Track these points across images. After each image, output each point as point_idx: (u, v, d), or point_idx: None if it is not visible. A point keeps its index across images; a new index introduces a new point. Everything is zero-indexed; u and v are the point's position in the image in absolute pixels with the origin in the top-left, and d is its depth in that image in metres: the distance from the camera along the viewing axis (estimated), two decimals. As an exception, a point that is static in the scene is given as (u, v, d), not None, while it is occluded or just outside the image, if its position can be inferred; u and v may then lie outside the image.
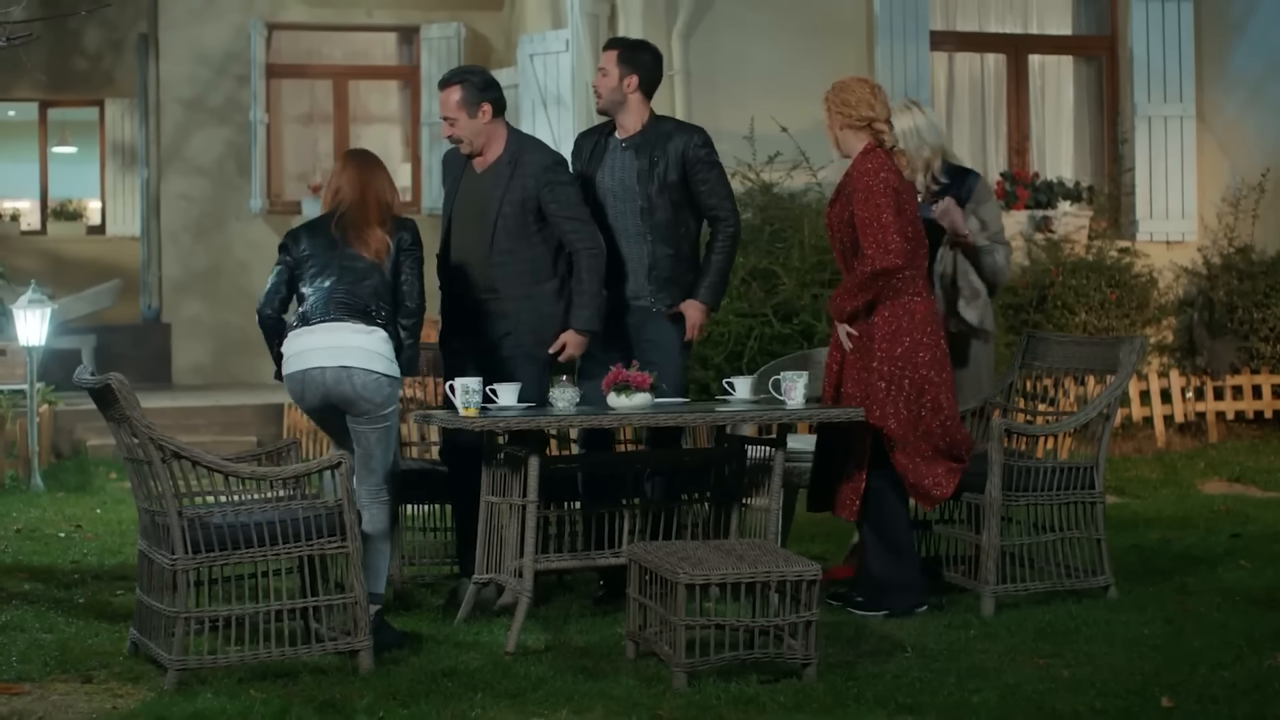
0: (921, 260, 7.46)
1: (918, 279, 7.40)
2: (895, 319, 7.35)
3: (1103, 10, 14.33)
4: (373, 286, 6.89)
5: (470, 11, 17.85)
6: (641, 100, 7.88)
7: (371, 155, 7.29)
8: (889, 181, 7.29)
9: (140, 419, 6.22)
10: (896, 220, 7.22)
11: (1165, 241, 13.89)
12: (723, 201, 7.87)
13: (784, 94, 12.83)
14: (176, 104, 17.47)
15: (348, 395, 6.77)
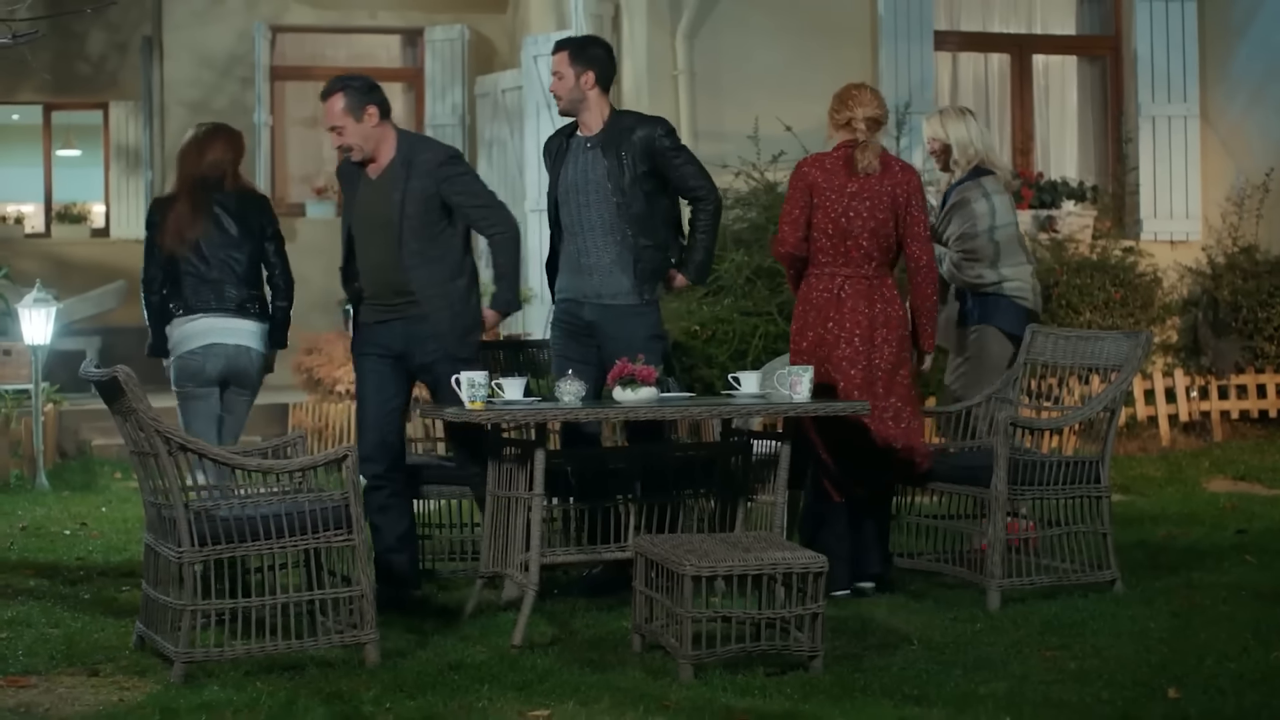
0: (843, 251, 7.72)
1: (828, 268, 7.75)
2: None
3: (1106, 10, 14.34)
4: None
5: (473, 13, 17.86)
6: (600, 96, 7.87)
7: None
8: (806, 177, 7.76)
9: (147, 411, 6.23)
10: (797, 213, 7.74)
11: (1169, 241, 13.90)
12: (700, 180, 7.94)
13: (788, 94, 12.84)
14: (181, 106, 17.46)
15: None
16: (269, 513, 6.35)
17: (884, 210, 7.69)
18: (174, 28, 17.27)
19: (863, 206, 7.68)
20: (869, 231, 7.68)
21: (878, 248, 7.72)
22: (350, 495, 6.41)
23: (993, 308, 8.81)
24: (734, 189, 12.42)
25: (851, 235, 7.67)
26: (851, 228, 7.67)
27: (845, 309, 7.72)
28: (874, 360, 7.72)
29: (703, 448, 7.80)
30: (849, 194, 7.68)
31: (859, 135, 7.77)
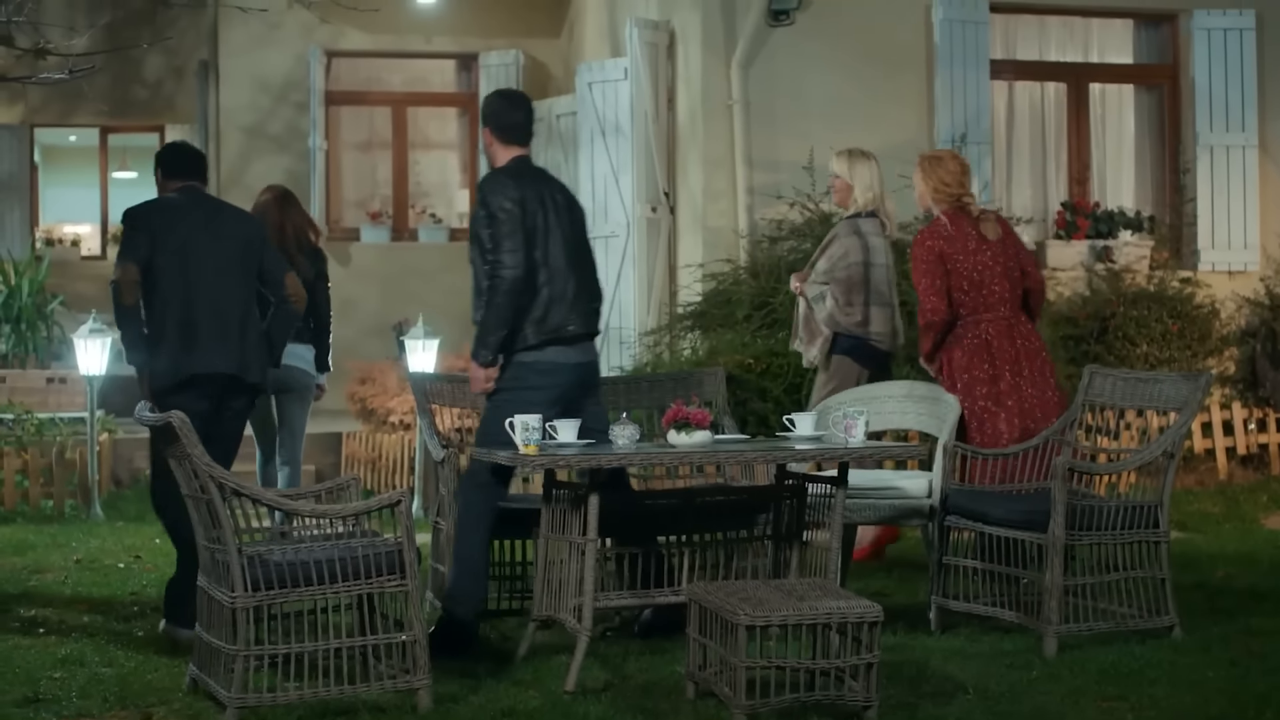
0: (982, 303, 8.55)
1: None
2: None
3: (1164, 39, 14.26)
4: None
5: (529, 39, 17.86)
6: (504, 148, 7.66)
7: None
8: (934, 248, 8.54)
9: (200, 457, 6.23)
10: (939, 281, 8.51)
11: (1227, 271, 13.81)
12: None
13: (843, 124, 12.81)
14: (237, 131, 17.52)
15: None
16: (322, 558, 6.34)
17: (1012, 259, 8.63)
18: (230, 53, 17.31)
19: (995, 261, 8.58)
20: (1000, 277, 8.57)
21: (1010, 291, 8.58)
22: (404, 540, 6.40)
23: (853, 346, 9.36)
24: (789, 220, 12.40)
25: (986, 285, 8.51)
26: (984, 279, 8.52)
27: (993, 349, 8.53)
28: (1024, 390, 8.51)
29: (756, 491, 7.76)
30: (971, 252, 8.54)
31: (972, 208, 8.71)
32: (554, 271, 7.48)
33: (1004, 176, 13.99)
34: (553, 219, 7.51)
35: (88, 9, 18.94)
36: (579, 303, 7.55)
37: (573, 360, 7.53)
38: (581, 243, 7.68)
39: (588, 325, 7.59)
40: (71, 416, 12.96)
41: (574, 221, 7.66)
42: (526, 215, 7.43)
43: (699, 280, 12.61)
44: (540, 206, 7.49)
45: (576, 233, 7.65)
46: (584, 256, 7.67)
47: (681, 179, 13.55)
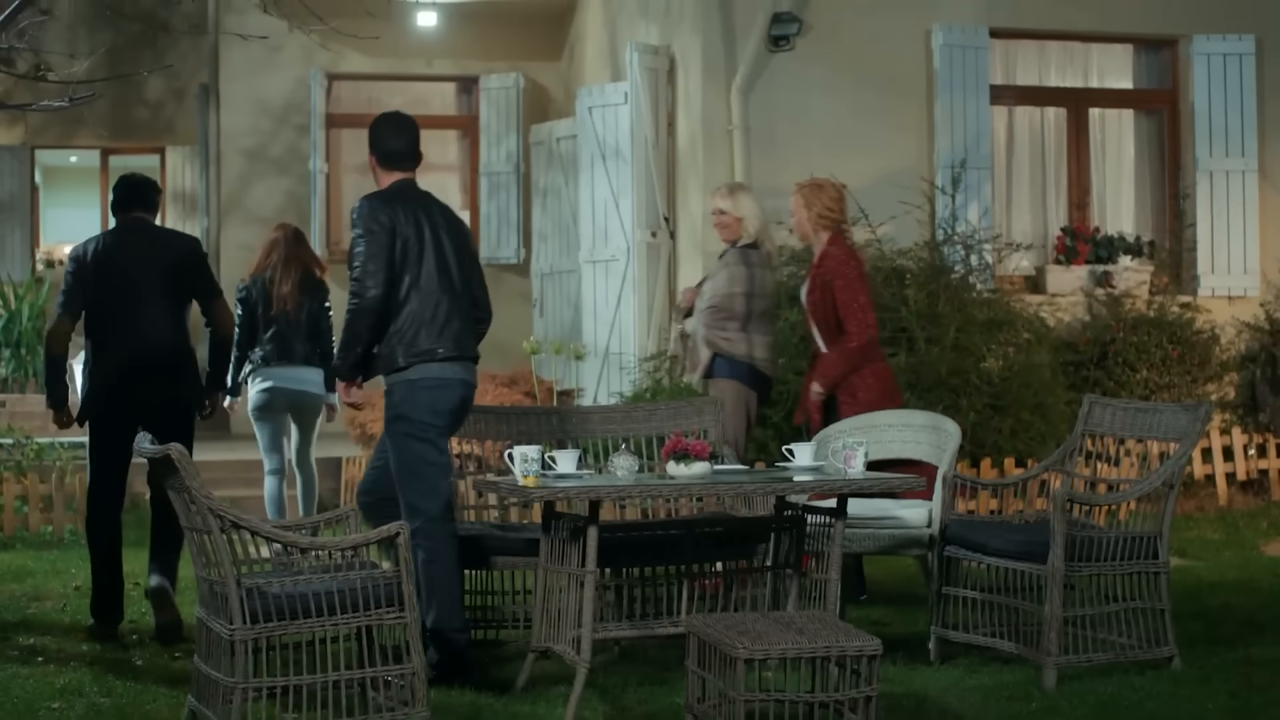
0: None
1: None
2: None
3: (1164, 64, 14.28)
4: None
5: (529, 61, 17.89)
6: (385, 173, 7.78)
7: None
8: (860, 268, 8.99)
9: (199, 489, 6.22)
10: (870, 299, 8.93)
11: (1227, 296, 13.81)
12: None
13: (844, 149, 12.85)
14: (237, 154, 17.55)
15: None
16: (320, 590, 6.33)
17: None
18: (231, 76, 17.34)
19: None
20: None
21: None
22: (402, 572, 6.40)
23: (738, 370, 9.49)
24: (788, 246, 12.38)
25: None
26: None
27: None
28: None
29: (755, 522, 7.75)
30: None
31: (848, 235, 9.18)
32: (425, 294, 7.54)
33: (1004, 201, 13.99)
34: (428, 242, 7.59)
35: (89, 32, 18.99)
36: (449, 326, 7.57)
37: (458, 376, 7.59)
38: (462, 266, 7.71)
39: (459, 349, 7.60)
40: (71, 441, 12.93)
41: (456, 246, 7.71)
42: (395, 238, 7.51)
43: (699, 306, 12.59)
44: (414, 230, 7.58)
45: (457, 257, 7.69)
46: (463, 280, 7.71)
47: (681, 204, 13.56)
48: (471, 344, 7.72)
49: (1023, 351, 12.09)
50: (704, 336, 9.50)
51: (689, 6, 13.34)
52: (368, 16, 13.13)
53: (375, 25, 14.10)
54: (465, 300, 7.69)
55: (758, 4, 12.88)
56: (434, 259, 7.59)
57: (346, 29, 12.81)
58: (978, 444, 11.16)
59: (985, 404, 11.34)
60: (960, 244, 12.41)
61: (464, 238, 7.82)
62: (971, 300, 12.08)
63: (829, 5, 13.16)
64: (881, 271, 11.97)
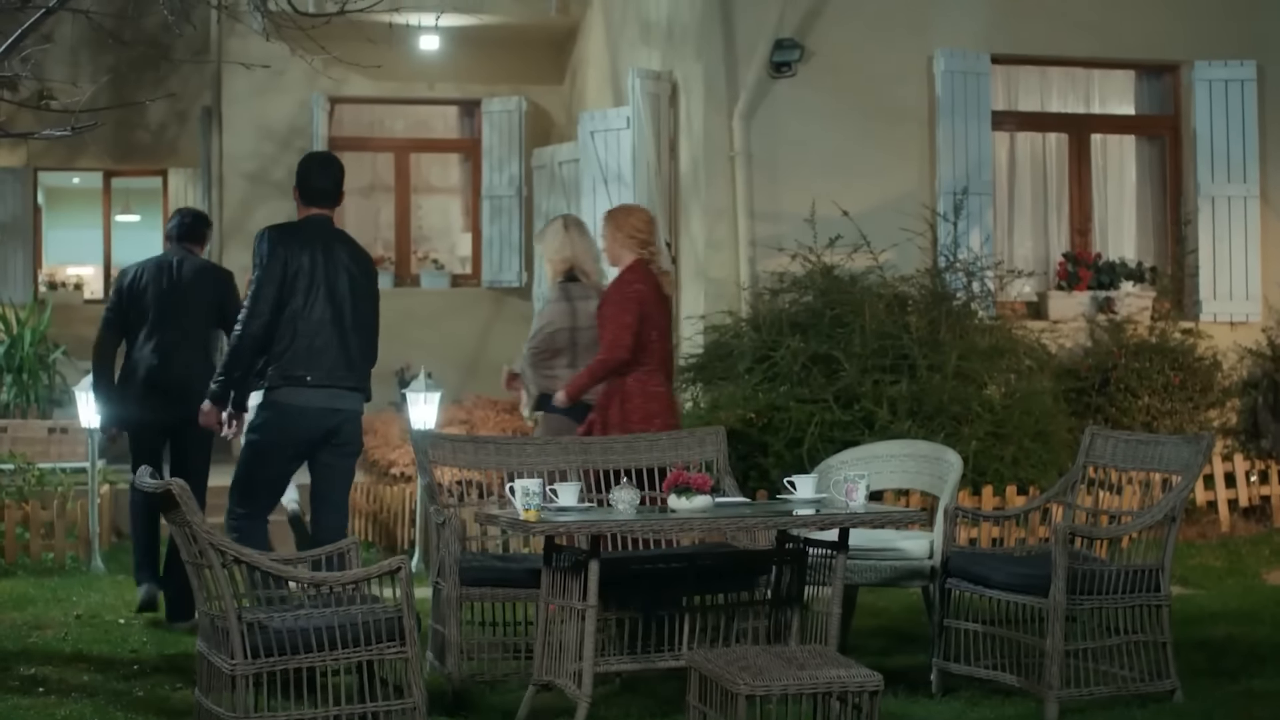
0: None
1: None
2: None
3: (1165, 90, 14.29)
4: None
5: (531, 85, 17.90)
6: (303, 207, 8.42)
7: None
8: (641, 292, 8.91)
9: (200, 524, 6.23)
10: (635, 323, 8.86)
11: (1229, 322, 13.80)
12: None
13: (846, 176, 12.87)
14: (239, 177, 17.55)
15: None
16: (321, 624, 6.33)
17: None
18: (233, 99, 17.34)
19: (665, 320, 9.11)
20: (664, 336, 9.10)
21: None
22: (404, 607, 6.40)
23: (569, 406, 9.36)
24: (790, 272, 12.41)
25: (662, 340, 9.04)
26: (661, 334, 9.04)
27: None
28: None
29: (757, 555, 7.74)
30: (656, 305, 8.99)
31: (659, 260, 9.20)
32: (312, 324, 8.11)
33: (1005, 227, 14.00)
34: (320, 277, 8.11)
35: (92, 55, 19.01)
36: (324, 356, 8.13)
37: (314, 405, 8.16)
38: (355, 304, 8.22)
39: (331, 378, 8.16)
40: (73, 467, 12.95)
41: (350, 284, 8.20)
42: (287, 270, 8.06)
43: (700, 332, 12.60)
44: (308, 263, 8.11)
45: (351, 295, 8.20)
46: (353, 316, 8.22)
47: (683, 229, 13.57)
48: (350, 375, 8.25)
49: (1024, 378, 12.09)
50: (530, 377, 9.62)
51: (691, 32, 13.36)
52: (369, 44, 13.10)
53: (377, 51, 14.08)
54: (354, 335, 8.25)
55: (759, 30, 12.89)
56: (324, 293, 8.12)
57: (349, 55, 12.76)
58: (979, 472, 11.15)
59: (987, 431, 11.33)
60: (962, 271, 12.41)
61: (363, 278, 8.33)
62: (973, 327, 12.08)
63: (831, 31, 13.17)
64: (883, 298, 11.97)
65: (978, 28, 13.51)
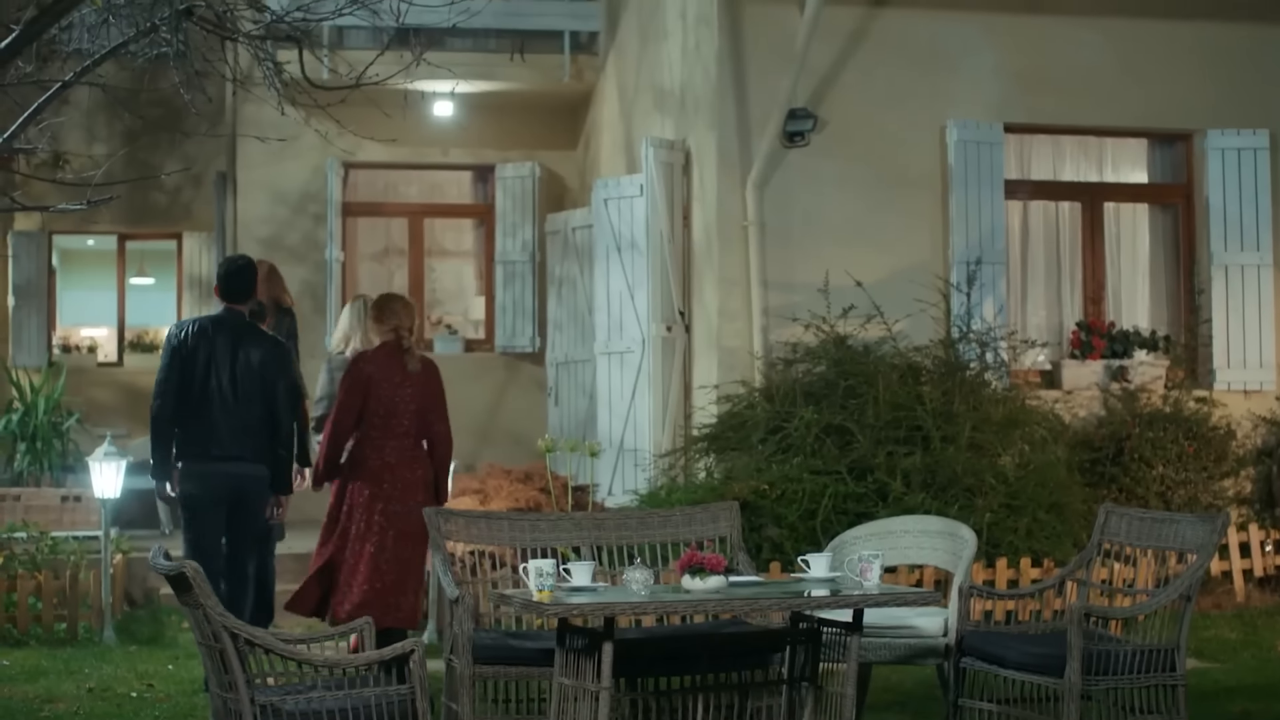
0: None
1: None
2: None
3: (1178, 158, 14.31)
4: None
5: (545, 151, 17.96)
6: (219, 300, 9.77)
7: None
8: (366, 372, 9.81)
9: (214, 607, 6.23)
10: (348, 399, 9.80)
11: (1243, 391, 13.78)
12: None
13: (859, 245, 12.90)
14: (254, 242, 17.57)
15: None
16: (334, 707, 6.32)
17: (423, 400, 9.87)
18: (248, 165, 17.39)
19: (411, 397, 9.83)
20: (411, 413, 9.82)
21: (418, 425, 9.85)
22: (415, 689, 6.38)
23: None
24: (804, 342, 12.40)
25: (396, 415, 9.77)
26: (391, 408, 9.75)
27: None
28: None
29: (771, 634, 7.72)
30: (387, 382, 9.76)
31: (405, 340, 9.88)
32: (214, 404, 9.48)
33: (1019, 296, 14.00)
34: (222, 361, 9.50)
35: (107, 120, 19.08)
36: (218, 431, 9.49)
37: (221, 471, 9.51)
38: (255, 385, 9.55)
39: (226, 450, 9.50)
40: (86, 535, 12.93)
41: (249, 368, 9.54)
42: (189, 356, 9.48)
43: (714, 402, 12.59)
44: (209, 353, 9.51)
45: (249, 376, 9.54)
46: (246, 398, 9.53)
47: (697, 298, 13.57)
48: (244, 446, 9.52)
49: (1038, 449, 12.06)
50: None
51: (704, 102, 13.39)
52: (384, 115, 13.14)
53: (391, 125, 14.13)
54: (247, 413, 9.53)
55: (773, 100, 12.92)
56: (226, 377, 9.50)
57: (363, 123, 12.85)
58: (993, 544, 11.13)
59: (1001, 503, 11.31)
60: (976, 341, 12.40)
61: (262, 366, 9.58)
62: (987, 397, 12.07)
63: (844, 101, 13.21)
64: (897, 369, 11.97)
65: (990, 97, 13.54)
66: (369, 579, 9.68)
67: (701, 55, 13.44)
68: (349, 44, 16.15)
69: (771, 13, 13.03)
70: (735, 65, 13.09)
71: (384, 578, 9.71)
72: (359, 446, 9.81)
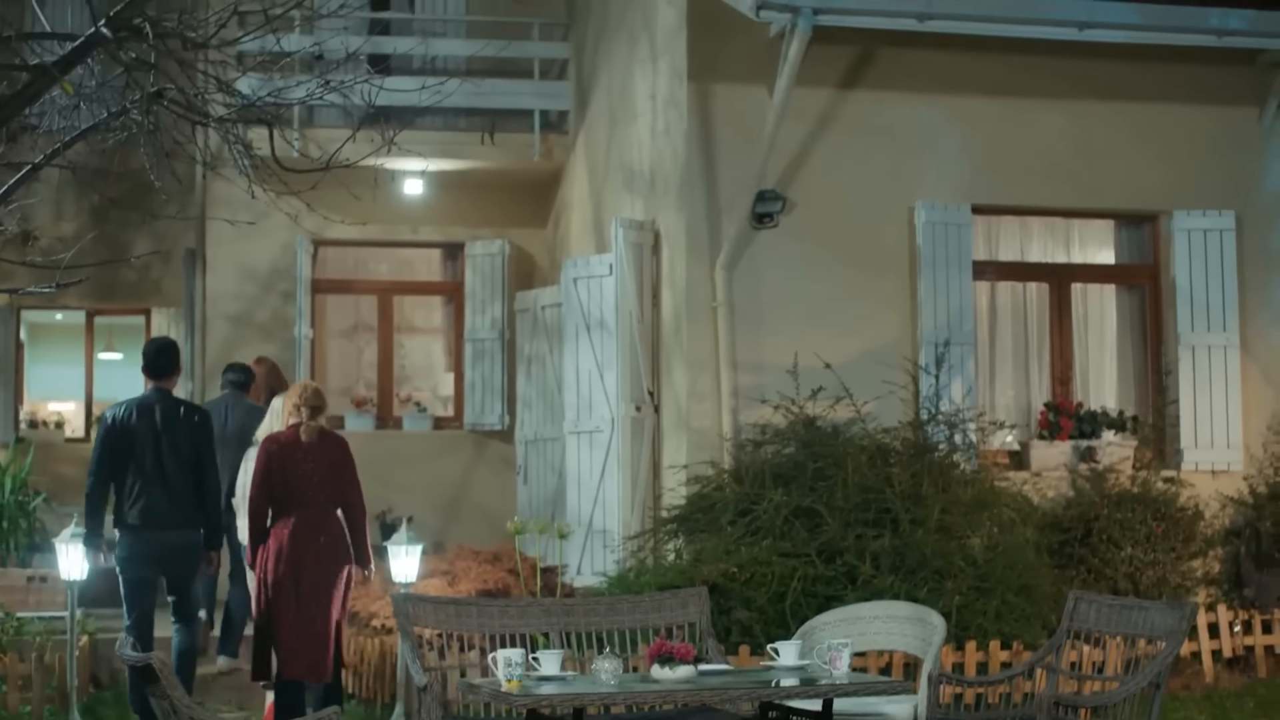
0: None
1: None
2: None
3: (1145, 239, 14.38)
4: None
5: (515, 229, 18.02)
6: (146, 380, 11.08)
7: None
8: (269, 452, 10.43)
9: (180, 698, 6.20)
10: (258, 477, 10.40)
11: (1210, 471, 13.80)
12: None
13: (828, 326, 12.92)
14: (223, 319, 17.61)
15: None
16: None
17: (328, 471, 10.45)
18: (217, 241, 17.41)
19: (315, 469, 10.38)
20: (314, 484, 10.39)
21: (324, 495, 10.40)
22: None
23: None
24: (772, 424, 12.41)
25: (300, 487, 10.35)
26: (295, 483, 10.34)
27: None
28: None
29: (741, 723, 7.72)
30: (291, 460, 10.36)
31: (303, 415, 10.46)
32: (145, 476, 10.71)
33: (987, 376, 14.03)
34: (150, 436, 10.73)
35: (76, 195, 19.06)
36: (144, 499, 10.72)
37: (150, 537, 10.77)
38: (185, 456, 10.81)
39: (160, 520, 10.72)
40: (53, 615, 12.84)
41: (175, 443, 10.78)
42: (123, 433, 10.74)
43: (683, 483, 12.58)
44: (140, 429, 10.73)
45: (176, 450, 10.78)
46: (177, 469, 10.79)
47: (666, 378, 13.58)
48: (177, 515, 10.79)
49: (1007, 530, 12.07)
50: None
51: (673, 183, 13.43)
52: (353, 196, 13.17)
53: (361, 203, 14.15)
54: (177, 483, 10.78)
55: (742, 181, 12.95)
56: (157, 450, 10.71)
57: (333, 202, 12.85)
58: (962, 626, 11.11)
59: (970, 586, 11.30)
60: (944, 423, 12.43)
61: (193, 435, 10.86)
62: (956, 479, 12.08)
63: (813, 183, 13.25)
64: (866, 450, 11.97)
65: (958, 179, 13.60)
66: (287, 639, 10.25)
67: (671, 137, 13.50)
68: (319, 121, 16.22)
69: (740, 95, 13.07)
70: (704, 147, 13.13)
71: (299, 636, 10.25)
72: (273, 519, 10.42)
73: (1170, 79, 13.99)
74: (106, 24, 8.44)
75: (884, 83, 13.46)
